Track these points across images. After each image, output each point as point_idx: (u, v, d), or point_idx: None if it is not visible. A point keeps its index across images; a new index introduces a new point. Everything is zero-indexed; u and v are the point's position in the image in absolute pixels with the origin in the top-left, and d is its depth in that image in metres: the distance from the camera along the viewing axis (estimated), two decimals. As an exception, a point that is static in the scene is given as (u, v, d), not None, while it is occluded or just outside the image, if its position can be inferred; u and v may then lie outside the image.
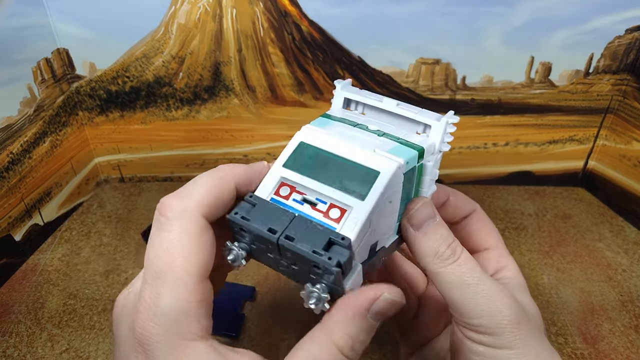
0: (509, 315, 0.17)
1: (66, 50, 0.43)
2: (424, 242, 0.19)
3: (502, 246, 0.23)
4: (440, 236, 0.19)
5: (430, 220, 0.19)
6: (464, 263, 0.18)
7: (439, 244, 0.19)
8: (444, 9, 0.40)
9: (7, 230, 0.38)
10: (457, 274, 0.18)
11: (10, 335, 0.32)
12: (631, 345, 0.31)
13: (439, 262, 0.18)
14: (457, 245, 0.19)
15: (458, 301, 0.18)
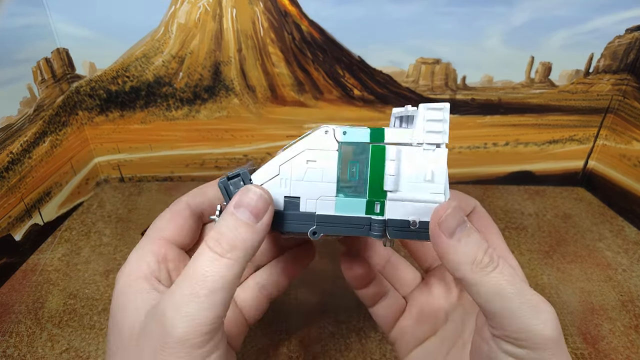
0: (552, 331, 0.16)
1: (66, 50, 0.43)
2: (459, 249, 0.17)
3: (503, 243, 0.23)
4: (476, 242, 0.18)
5: (462, 226, 0.18)
6: (506, 271, 0.17)
7: (476, 250, 0.17)
8: (444, 9, 0.40)
9: (7, 230, 0.38)
10: (499, 283, 0.17)
11: (11, 335, 0.32)
12: (631, 345, 0.31)
13: (478, 271, 0.17)
14: (493, 251, 0.18)
15: (500, 312, 0.17)
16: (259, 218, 0.17)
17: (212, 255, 0.17)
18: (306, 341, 0.30)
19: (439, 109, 0.18)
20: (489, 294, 0.17)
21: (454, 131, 0.47)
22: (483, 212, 0.23)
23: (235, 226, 0.17)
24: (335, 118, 0.47)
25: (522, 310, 0.17)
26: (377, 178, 0.19)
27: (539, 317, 0.17)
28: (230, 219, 0.17)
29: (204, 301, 0.16)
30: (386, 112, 0.47)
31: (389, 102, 0.46)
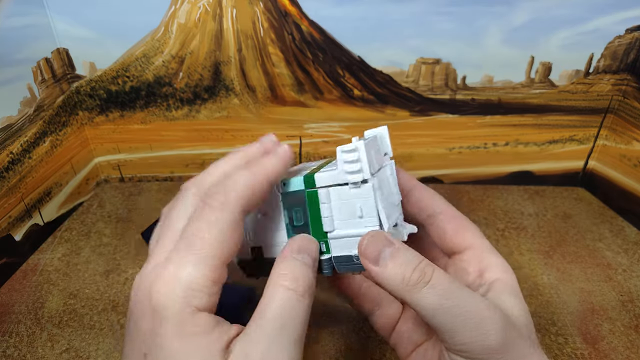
0: (495, 341, 0.16)
1: (66, 50, 0.43)
2: (387, 273, 0.18)
3: (483, 243, 0.21)
4: (403, 261, 0.18)
5: (386, 250, 0.18)
6: (438, 284, 0.17)
7: (404, 269, 0.17)
8: (444, 8, 0.40)
9: (7, 230, 0.38)
10: (432, 297, 0.17)
11: (11, 335, 0.32)
12: (631, 345, 0.31)
13: (410, 289, 0.17)
14: (425, 265, 0.18)
15: (441, 327, 0.17)
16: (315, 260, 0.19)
17: (297, 297, 0.17)
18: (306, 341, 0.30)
19: (352, 150, 0.19)
20: (425, 309, 0.17)
21: (455, 131, 0.47)
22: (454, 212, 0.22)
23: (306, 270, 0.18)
24: (335, 118, 0.47)
25: (459, 323, 0.17)
26: (316, 220, 0.20)
27: (479, 328, 0.16)
28: (298, 264, 0.18)
29: (297, 346, 0.17)
30: (386, 112, 0.47)
31: (389, 102, 0.46)
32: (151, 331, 0.16)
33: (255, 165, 0.19)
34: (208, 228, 0.17)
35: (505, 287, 0.20)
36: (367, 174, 0.19)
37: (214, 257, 0.17)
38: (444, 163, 0.49)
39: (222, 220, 0.17)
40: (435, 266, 0.18)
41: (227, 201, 0.17)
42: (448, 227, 0.22)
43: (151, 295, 0.16)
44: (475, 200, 0.47)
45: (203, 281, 0.16)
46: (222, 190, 0.18)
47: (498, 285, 0.20)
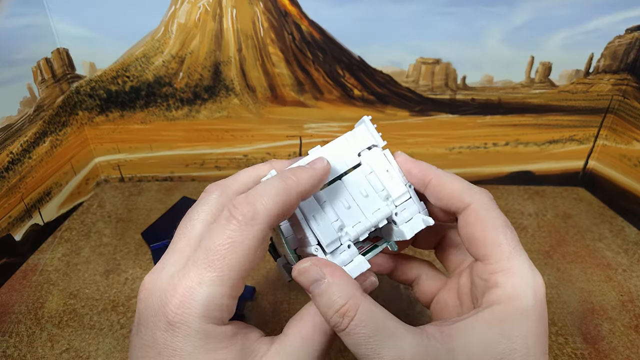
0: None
1: (66, 50, 0.43)
2: (316, 304, 0.18)
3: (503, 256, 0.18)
4: (326, 301, 0.17)
5: (316, 283, 0.17)
6: (354, 331, 0.16)
7: (326, 309, 0.17)
8: (444, 8, 0.40)
9: (7, 230, 0.38)
10: (350, 342, 0.17)
11: (11, 335, 0.32)
12: (631, 345, 0.31)
13: (334, 327, 0.17)
14: (349, 307, 0.17)
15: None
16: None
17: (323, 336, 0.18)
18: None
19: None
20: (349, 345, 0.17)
21: (455, 131, 0.47)
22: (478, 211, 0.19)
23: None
24: (335, 118, 0.47)
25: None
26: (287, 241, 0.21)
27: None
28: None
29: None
30: (386, 112, 0.47)
31: (389, 102, 0.46)
32: (167, 344, 0.16)
33: (289, 177, 0.18)
34: (232, 246, 0.16)
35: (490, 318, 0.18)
36: None
37: (234, 277, 0.16)
38: (444, 163, 0.49)
39: (248, 238, 0.16)
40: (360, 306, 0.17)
41: (255, 216, 0.16)
42: (463, 232, 0.20)
43: (167, 307, 0.16)
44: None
45: (221, 299, 0.16)
46: (251, 202, 0.17)
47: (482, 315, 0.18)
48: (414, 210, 0.21)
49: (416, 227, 0.20)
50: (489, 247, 0.19)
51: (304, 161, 0.20)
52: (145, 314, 0.17)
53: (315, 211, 0.19)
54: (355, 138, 0.21)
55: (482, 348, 0.17)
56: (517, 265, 0.18)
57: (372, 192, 0.21)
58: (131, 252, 0.40)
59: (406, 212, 0.21)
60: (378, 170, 0.21)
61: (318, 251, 0.19)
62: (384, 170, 0.21)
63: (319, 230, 0.19)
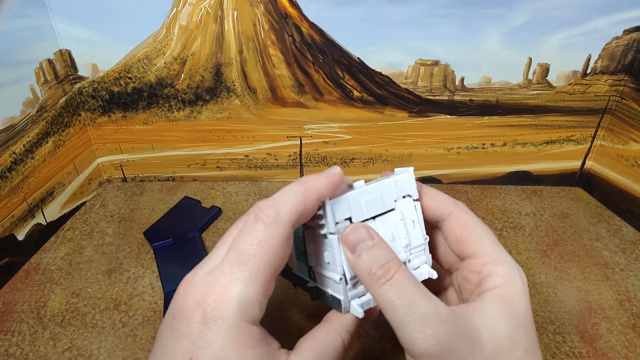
0: (433, 346, 0.17)
1: (68, 52, 0.44)
2: (359, 263, 0.19)
3: (490, 249, 0.21)
4: (373, 256, 0.19)
5: (362, 243, 0.19)
6: (396, 284, 0.18)
7: (371, 263, 0.19)
8: (442, 10, 0.41)
9: (10, 229, 0.38)
10: (387, 296, 0.18)
11: (13, 333, 0.32)
12: (629, 344, 0.31)
13: (373, 282, 0.19)
14: (392, 265, 0.19)
15: (391, 323, 0.18)
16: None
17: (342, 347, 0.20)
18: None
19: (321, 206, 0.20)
20: (381, 305, 0.18)
21: (453, 132, 0.48)
22: (462, 215, 0.22)
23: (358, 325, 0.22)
24: (335, 119, 0.47)
25: (405, 322, 0.17)
26: (303, 253, 0.22)
27: (422, 330, 0.17)
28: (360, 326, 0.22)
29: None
30: (385, 113, 0.47)
31: (388, 103, 0.46)
32: (201, 336, 0.17)
33: (306, 181, 0.19)
34: (260, 245, 0.18)
35: (495, 297, 0.19)
36: (330, 229, 0.20)
37: (265, 273, 0.18)
38: (443, 163, 0.50)
39: (274, 236, 0.18)
40: (402, 267, 0.19)
41: (279, 216, 0.18)
42: (451, 235, 0.22)
43: (203, 303, 0.17)
44: (474, 200, 0.47)
45: (254, 297, 0.17)
46: (274, 205, 0.18)
47: (488, 295, 0.20)
48: (422, 260, 0.23)
49: (421, 276, 0.22)
50: (476, 243, 0.21)
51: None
52: (183, 307, 0.18)
53: None
54: (397, 185, 0.23)
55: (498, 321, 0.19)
56: (503, 256, 0.21)
57: (397, 238, 0.22)
58: (133, 252, 0.40)
59: (416, 261, 0.23)
60: (407, 219, 0.22)
61: (342, 281, 0.20)
62: (410, 220, 0.22)
63: (348, 264, 0.20)
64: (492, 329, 0.18)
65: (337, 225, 0.20)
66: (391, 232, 0.22)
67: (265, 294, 0.18)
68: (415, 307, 0.18)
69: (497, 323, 0.19)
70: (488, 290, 0.20)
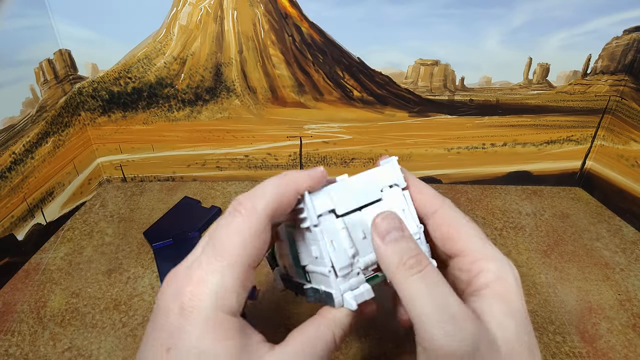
0: (450, 346, 0.16)
1: (68, 51, 0.44)
2: (389, 250, 0.19)
3: (479, 246, 0.20)
4: (405, 246, 0.19)
5: (394, 231, 0.19)
6: (428, 276, 0.18)
7: (404, 252, 0.19)
8: (442, 10, 0.40)
9: (10, 229, 0.38)
10: (419, 285, 0.18)
11: (13, 333, 0.32)
12: (629, 344, 0.31)
13: (403, 272, 0.18)
14: (423, 257, 0.19)
15: (416, 317, 0.17)
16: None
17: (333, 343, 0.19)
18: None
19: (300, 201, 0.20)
20: (410, 295, 0.18)
21: (453, 132, 0.48)
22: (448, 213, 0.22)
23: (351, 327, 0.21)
24: (335, 119, 0.47)
25: (432, 317, 0.17)
26: (295, 255, 0.22)
27: (450, 327, 0.17)
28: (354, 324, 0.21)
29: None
30: (385, 113, 0.47)
31: (388, 103, 0.46)
32: (179, 327, 0.17)
33: (285, 175, 0.20)
34: (236, 236, 0.18)
35: (496, 297, 0.19)
36: (312, 221, 0.20)
37: (242, 263, 0.18)
38: (443, 163, 0.50)
39: (250, 227, 0.18)
40: (431, 262, 0.19)
41: (254, 208, 0.18)
42: (437, 232, 0.22)
43: (181, 294, 0.17)
44: (474, 200, 0.47)
45: (231, 287, 0.17)
46: (251, 197, 0.19)
47: (486, 293, 0.19)
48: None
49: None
50: (463, 240, 0.21)
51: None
52: (163, 300, 0.18)
53: (334, 237, 0.20)
54: (381, 175, 0.22)
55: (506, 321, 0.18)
56: (493, 252, 0.20)
57: None
58: (133, 252, 0.40)
59: None
60: (396, 208, 0.22)
61: (331, 273, 0.20)
62: (400, 209, 0.22)
63: (335, 255, 0.20)
64: (503, 330, 0.18)
65: (320, 217, 0.20)
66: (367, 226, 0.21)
67: (242, 284, 0.18)
68: (446, 304, 0.17)
69: (506, 323, 0.18)
70: (482, 288, 0.19)
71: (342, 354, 0.30)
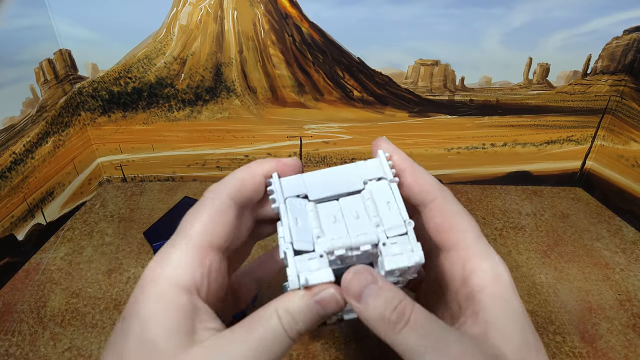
0: None
1: (68, 51, 0.44)
2: (369, 310, 0.17)
3: (473, 241, 0.20)
4: (384, 300, 0.17)
5: (369, 286, 0.18)
6: (417, 324, 0.17)
7: (384, 308, 0.17)
8: (443, 10, 0.40)
9: (10, 229, 0.38)
10: (412, 338, 0.17)
11: (13, 334, 0.32)
12: (629, 344, 0.31)
13: (390, 329, 0.17)
14: (405, 305, 0.17)
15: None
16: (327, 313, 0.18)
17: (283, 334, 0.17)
18: (306, 340, 0.31)
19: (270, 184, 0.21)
20: (405, 350, 0.17)
21: (453, 132, 0.48)
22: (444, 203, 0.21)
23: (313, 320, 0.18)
24: (335, 119, 0.47)
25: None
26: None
27: None
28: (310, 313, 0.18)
29: None
30: (385, 113, 0.47)
31: (388, 103, 0.46)
32: (136, 298, 0.18)
33: (253, 162, 0.21)
34: (197, 215, 0.19)
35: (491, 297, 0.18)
36: (278, 201, 0.20)
37: (202, 241, 0.19)
38: (443, 163, 0.50)
39: (211, 207, 0.19)
40: (415, 305, 0.17)
41: (216, 192, 0.20)
42: (431, 223, 0.21)
43: (146, 270, 0.18)
44: (474, 200, 0.47)
45: (189, 263, 0.18)
46: (216, 184, 0.20)
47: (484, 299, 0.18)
48: (407, 248, 0.19)
49: (400, 262, 0.19)
50: (457, 233, 0.20)
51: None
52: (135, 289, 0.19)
53: (299, 215, 0.20)
54: (366, 167, 0.21)
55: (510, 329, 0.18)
56: (486, 249, 0.20)
57: (363, 215, 0.20)
58: (133, 252, 0.40)
59: (396, 247, 0.19)
60: (378, 198, 0.20)
61: (289, 249, 0.19)
62: (384, 201, 0.20)
63: (295, 230, 0.19)
64: (510, 342, 0.17)
65: (289, 199, 0.20)
66: (356, 210, 0.20)
67: (202, 263, 0.18)
68: (444, 349, 0.16)
69: (511, 333, 0.17)
70: (478, 290, 0.19)
71: (342, 354, 0.30)
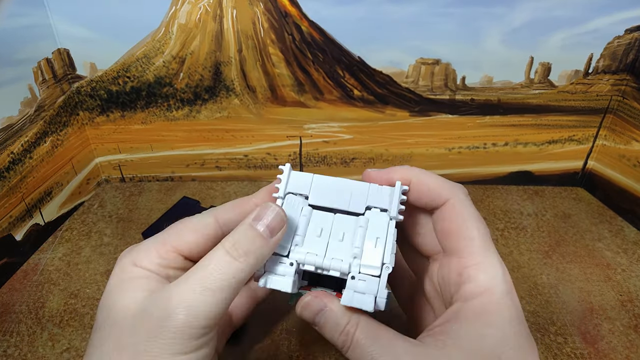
0: None
1: (67, 51, 0.43)
2: (324, 334, 0.19)
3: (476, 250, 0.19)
4: (331, 326, 0.19)
5: (319, 313, 0.19)
6: (357, 347, 0.18)
7: (332, 334, 0.19)
8: (443, 9, 0.40)
9: (8, 230, 0.38)
10: (354, 355, 0.18)
11: (11, 334, 0.32)
12: (630, 345, 0.31)
13: (341, 350, 0.19)
14: (350, 326, 0.18)
15: None
16: (273, 234, 0.19)
17: (227, 257, 0.18)
18: (306, 341, 0.30)
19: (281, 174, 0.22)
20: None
21: (454, 131, 0.48)
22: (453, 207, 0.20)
23: (253, 236, 0.19)
24: (335, 118, 0.47)
25: None
26: None
27: None
28: (249, 230, 0.19)
29: (212, 296, 0.17)
30: (386, 113, 0.47)
31: (388, 103, 0.46)
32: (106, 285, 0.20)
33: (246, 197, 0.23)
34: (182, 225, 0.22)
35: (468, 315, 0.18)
36: (281, 193, 0.21)
37: (163, 240, 0.21)
38: (444, 163, 0.49)
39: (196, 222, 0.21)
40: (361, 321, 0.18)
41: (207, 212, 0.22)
42: (439, 226, 0.21)
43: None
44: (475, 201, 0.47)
45: (149, 250, 0.20)
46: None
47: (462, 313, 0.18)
48: (373, 290, 0.19)
49: (358, 302, 0.18)
50: (462, 240, 0.20)
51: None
52: None
53: (291, 214, 0.20)
54: (377, 192, 0.21)
55: (474, 342, 0.17)
56: (488, 260, 0.19)
57: (347, 241, 0.20)
58: (132, 252, 0.40)
59: (363, 285, 0.19)
60: (371, 230, 0.20)
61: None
62: (374, 236, 0.19)
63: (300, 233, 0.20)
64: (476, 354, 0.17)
65: (288, 195, 0.21)
66: (344, 232, 0.20)
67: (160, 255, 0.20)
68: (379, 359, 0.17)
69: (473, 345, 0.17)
70: (463, 300, 0.19)
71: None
